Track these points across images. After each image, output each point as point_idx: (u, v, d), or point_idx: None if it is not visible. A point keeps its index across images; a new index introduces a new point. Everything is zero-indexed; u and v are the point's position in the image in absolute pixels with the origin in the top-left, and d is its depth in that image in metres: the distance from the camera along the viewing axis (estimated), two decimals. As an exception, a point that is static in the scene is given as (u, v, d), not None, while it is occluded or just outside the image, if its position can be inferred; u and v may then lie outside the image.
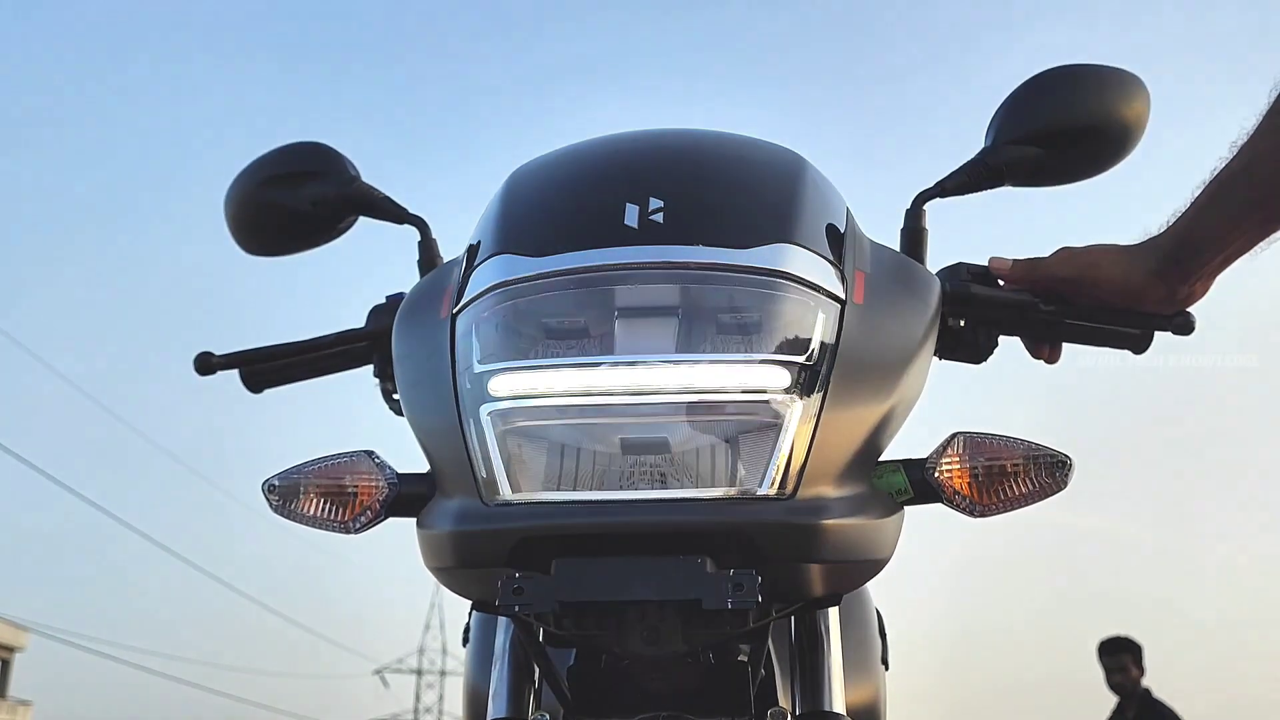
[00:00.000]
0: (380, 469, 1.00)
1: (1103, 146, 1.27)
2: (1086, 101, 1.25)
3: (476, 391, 0.93)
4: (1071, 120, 1.25)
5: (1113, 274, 1.21)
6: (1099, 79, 1.27)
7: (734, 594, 0.86)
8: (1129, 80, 1.28)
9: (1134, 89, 1.27)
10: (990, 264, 1.26)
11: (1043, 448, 0.97)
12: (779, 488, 0.89)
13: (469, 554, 0.93)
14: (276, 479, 1.01)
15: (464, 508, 0.93)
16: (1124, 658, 5.95)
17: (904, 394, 0.98)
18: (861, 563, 0.94)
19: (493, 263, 0.98)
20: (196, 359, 1.29)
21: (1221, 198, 1.16)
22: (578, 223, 0.98)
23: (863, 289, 0.99)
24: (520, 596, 0.88)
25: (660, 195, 0.97)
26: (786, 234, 0.96)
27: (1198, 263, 1.18)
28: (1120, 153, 1.28)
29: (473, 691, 1.33)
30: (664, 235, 0.94)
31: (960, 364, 1.30)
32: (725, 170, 1.03)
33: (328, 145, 1.40)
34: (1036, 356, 1.29)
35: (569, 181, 1.04)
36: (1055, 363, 1.29)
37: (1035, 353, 1.29)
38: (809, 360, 0.92)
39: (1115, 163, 1.30)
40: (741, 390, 0.91)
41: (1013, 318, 1.25)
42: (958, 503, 0.97)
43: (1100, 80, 1.27)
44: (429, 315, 1.04)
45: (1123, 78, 1.28)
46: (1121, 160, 1.30)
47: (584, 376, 0.92)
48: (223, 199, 1.41)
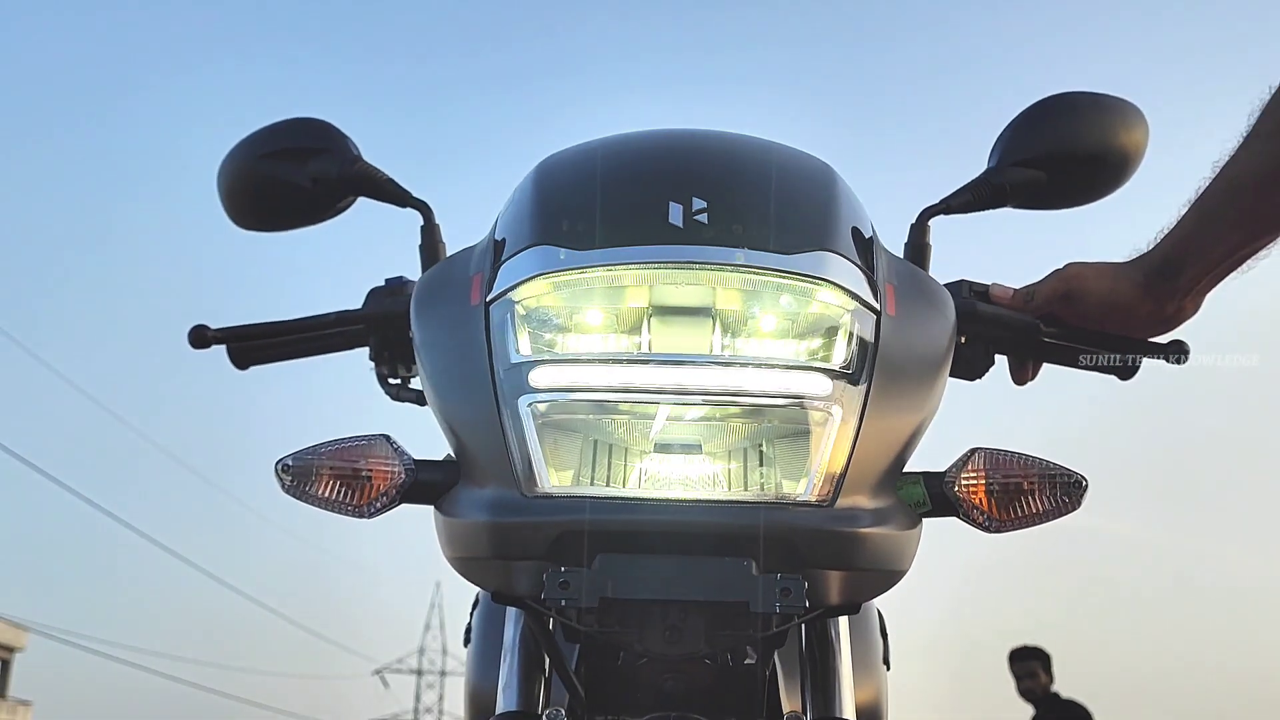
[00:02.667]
0: (398, 454, 0.99)
1: (1102, 173, 1.30)
2: (1087, 128, 1.28)
3: (515, 382, 0.92)
4: (1072, 146, 1.28)
5: (1099, 287, 1.24)
6: (1099, 107, 1.30)
7: (781, 598, 0.87)
8: (1128, 109, 1.31)
9: (1133, 118, 1.31)
10: (991, 291, 1.30)
11: (1059, 467, 0.99)
12: (819, 494, 0.90)
13: (504, 545, 0.92)
14: (291, 459, 0.99)
15: (500, 498, 0.92)
16: (1032, 664, 6.22)
17: (931, 407, 1.00)
18: (887, 572, 0.95)
19: (531, 252, 0.96)
20: (191, 332, 1.26)
21: (1204, 216, 1.19)
22: (621, 218, 0.97)
23: (894, 301, 1.00)
24: (566, 590, 0.88)
25: (703, 196, 0.97)
26: (827, 242, 0.97)
27: (1184, 278, 1.21)
28: (1118, 179, 1.32)
29: (476, 690, 1.32)
30: (709, 236, 0.94)
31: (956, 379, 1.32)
32: (765, 175, 1.03)
33: (330, 122, 1.37)
34: (1018, 379, 1.32)
35: (609, 175, 1.03)
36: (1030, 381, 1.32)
37: (1017, 375, 1.32)
38: (849, 369, 0.93)
39: (1113, 189, 1.33)
40: (783, 395, 0.91)
41: (1010, 337, 1.28)
42: (975, 517, 0.99)
43: (1101, 108, 1.30)
44: (455, 303, 1.02)
45: (1123, 107, 1.31)
46: (1119, 187, 1.33)
47: (627, 373, 0.91)
48: (216, 170, 1.38)
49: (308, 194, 1.34)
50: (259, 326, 1.30)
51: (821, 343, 0.96)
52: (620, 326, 0.97)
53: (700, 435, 0.95)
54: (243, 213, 1.39)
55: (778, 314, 0.96)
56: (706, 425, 0.95)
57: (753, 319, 0.96)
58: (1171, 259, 1.22)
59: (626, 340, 0.97)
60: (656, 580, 0.89)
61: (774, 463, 0.94)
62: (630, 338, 0.97)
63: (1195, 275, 1.21)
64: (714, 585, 0.89)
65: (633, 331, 0.97)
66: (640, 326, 0.96)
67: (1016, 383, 1.33)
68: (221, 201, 1.39)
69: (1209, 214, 1.19)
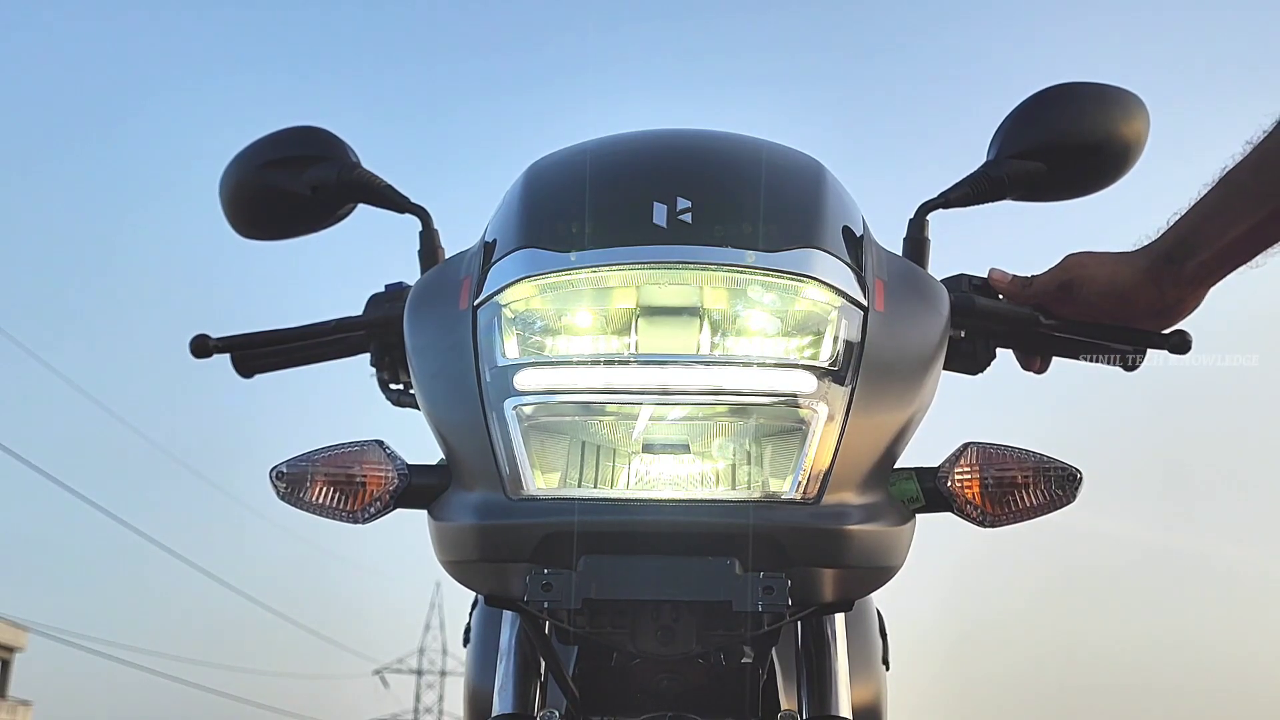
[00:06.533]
0: (391, 459, 0.99)
1: (1103, 164, 1.29)
2: (1087, 119, 1.27)
3: (501, 385, 0.93)
4: (1072, 137, 1.27)
5: (1099, 275, 1.23)
6: (1100, 97, 1.29)
7: (764, 597, 0.87)
8: (1129, 99, 1.30)
9: (1134, 108, 1.29)
10: (990, 275, 1.29)
11: (1053, 460, 0.98)
12: (804, 492, 0.90)
13: (491, 548, 0.93)
14: (285, 466, 1.00)
15: (486, 501, 0.92)
16: None
17: (921, 402, 0.99)
18: (878, 569, 0.95)
19: (517, 256, 0.97)
20: (193, 341, 1.27)
21: (1227, 196, 1.17)
22: (606, 219, 0.98)
23: (883, 297, 0.99)
24: (549, 592, 0.88)
25: (688, 195, 0.97)
26: (813, 239, 0.97)
27: (1193, 263, 1.19)
28: (1120, 170, 1.30)
29: (475, 690, 1.33)
30: (693, 235, 0.95)
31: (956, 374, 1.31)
32: (750, 173, 1.03)
33: (328, 130, 1.38)
34: (1027, 369, 1.32)
35: (595, 177, 1.03)
36: (1043, 373, 1.31)
37: (1026, 365, 1.32)
38: (835, 366, 0.93)
39: (1114, 180, 1.32)
40: (769, 393, 0.91)
41: (1011, 330, 1.27)
42: (969, 512, 0.98)
43: (1101, 98, 1.29)
44: (446, 307, 1.03)
45: (1123, 96, 1.30)
46: (1120, 178, 1.32)
47: (611, 374, 0.92)
48: (218, 181, 1.39)
49: (308, 202, 1.35)
50: (261, 335, 1.31)
51: (808, 340, 0.96)
52: (607, 328, 0.98)
53: (686, 435, 0.95)
54: (244, 222, 1.40)
55: (764, 312, 0.96)
56: (692, 425, 0.95)
57: (739, 318, 0.96)
58: (1185, 240, 1.20)
59: (613, 341, 0.97)
60: (640, 581, 0.89)
61: (760, 461, 0.94)
62: (617, 339, 0.97)
63: (1206, 261, 1.19)
64: (697, 585, 0.89)
65: (619, 333, 0.97)
66: (627, 327, 0.96)
67: (1031, 371, 1.31)
68: (223, 211, 1.40)
69: (1233, 193, 1.17)
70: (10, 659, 31.17)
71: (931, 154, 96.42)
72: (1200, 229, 1.19)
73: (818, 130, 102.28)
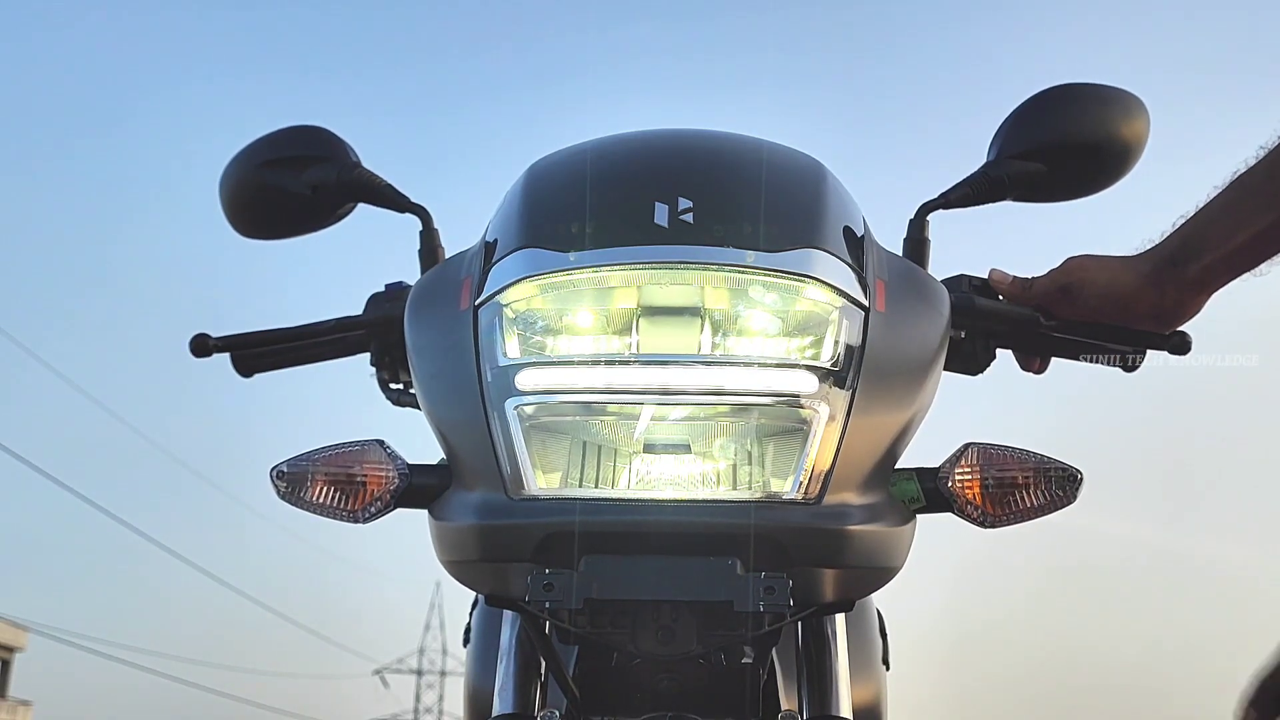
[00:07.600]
0: (391, 459, 1.00)
1: (1103, 164, 1.29)
2: (1088, 119, 1.27)
3: (502, 385, 0.93)
4: (1073, 137, 1.27)
5: (1100, 278, 1.23)
6: (1100, 98, 1.29)
7: (765, 597, 0.87)
8: (1129, 100, 1.30)
9: (1134, 108, 1.29)
10: (990, 276, 1.29)
11: (1054, 461, 0.98)
12: (806, 492, 0.90)
13: (492, 548, 0.93)
14: (285, 465, 1.00)
15: (487, 501, 0.93)
16: None
17: (922, 403, 0.99)
18: (879, 569, 0.95)
19: (519, 256, 0.97)
20: (192, 341, 1.26)
21: (1237, 199, 1.17)
22: (607, 219, 0.98)
23: (884, 297, 1.00)
24: (550, 592, 0.88)
25: (689, 195, 0.97)
26: (814, 239, 0.97)
27: (1196, 267, 1.19)
28: (1120, 171, 1.30)
29: (475, 690, 1.33)
30: (694, 236, 0.95)
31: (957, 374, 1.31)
32: (752, 173, 1.03)
33: (329, 129, 1.38)
34: (1027, 369, 1.32)
35: (596, 177, 1.04)
36: (1043, 373, 1.31)
37: (1026, 365, 1.32)
38: (836, 366, 0.93)
39: (1114, 181, 1.32)
40: (770, 393, 0.91)
41: (1011, 331, 1.27)
42: (969, 513, 0.99)
43: (1101, 99, 1.29)
44: (446, 307, 1.03)
45: (1123, 97, 1.30)
46: (1121, 179, 1.31)
47: (613, 374, 0.92)
48: (218, 180, 1.39)
49: (308, 201, 1.35)
50: (260, 334, 1.31)
51: (809, 340, 0.96)
52: (608, 328, 0.98)
53: (687, 435, 0.95)
54: (244, 221, 1.40)
55: (765, 312, 0.96)
56: (693, 425, 0.95)
57: (740, 318, 0.96)
58: (1190, 243, 1.20)
59: (614, 341, 0.97)
60: (641, 581, 0.89)
61: (761, 461, 0.94)
62: (618, 339, 0.97)
63: (1209, 265, 1.19)
64: (698, 585, 0.89)
65: (620, 332, 0.97)
66: (628, 327, 0.96)
67: (1030, 372, 1.32)
68: (223, 211, 1.40)
69: (1243, 197, 1.17)
70: (10, 659, 31.17)
71: (931, 154, 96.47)
72: (1206, 232, 1.19)
73: (818, 130, 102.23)
